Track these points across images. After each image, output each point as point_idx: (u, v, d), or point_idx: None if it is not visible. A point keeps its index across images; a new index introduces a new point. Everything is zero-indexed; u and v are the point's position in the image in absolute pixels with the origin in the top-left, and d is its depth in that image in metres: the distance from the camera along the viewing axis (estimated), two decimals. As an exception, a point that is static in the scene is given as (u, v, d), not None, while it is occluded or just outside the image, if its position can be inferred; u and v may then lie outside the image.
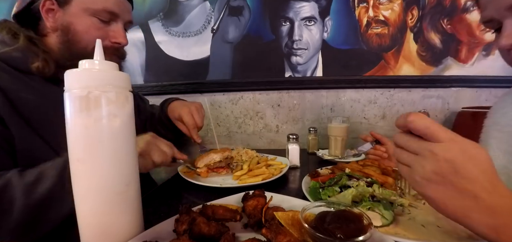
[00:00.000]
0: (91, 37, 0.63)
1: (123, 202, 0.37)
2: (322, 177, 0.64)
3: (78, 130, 0.34)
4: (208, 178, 0.72)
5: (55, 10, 0.61)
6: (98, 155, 0.34)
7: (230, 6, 1.28)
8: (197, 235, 0.34)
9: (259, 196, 0.44)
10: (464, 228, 0.31)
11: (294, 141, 0.85)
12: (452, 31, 1.19)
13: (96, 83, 0.34)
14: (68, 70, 0.34)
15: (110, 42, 0.67)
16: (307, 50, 1.26)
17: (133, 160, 0.38)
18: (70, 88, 0.34)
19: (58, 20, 0.62)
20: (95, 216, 0.35)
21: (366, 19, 1.22)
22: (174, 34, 1.33)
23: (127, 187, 0.37)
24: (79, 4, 0.61)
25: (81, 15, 0.62)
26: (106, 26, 0.65)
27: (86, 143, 0.34)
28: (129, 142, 0.37)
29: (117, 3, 0.65)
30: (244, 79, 1.30)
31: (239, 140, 1.35)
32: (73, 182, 0.35)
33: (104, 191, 0.35)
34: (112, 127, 0.35)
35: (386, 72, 1.23)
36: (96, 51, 0.37)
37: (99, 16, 0.63)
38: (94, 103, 0.33)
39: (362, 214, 0.35)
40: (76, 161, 0.35)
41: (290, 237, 0.32)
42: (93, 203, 0.35)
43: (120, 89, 0.36)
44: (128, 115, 0.37)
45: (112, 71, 0.37)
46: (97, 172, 0.35)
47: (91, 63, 0.36)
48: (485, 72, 1.19)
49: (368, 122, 1.28)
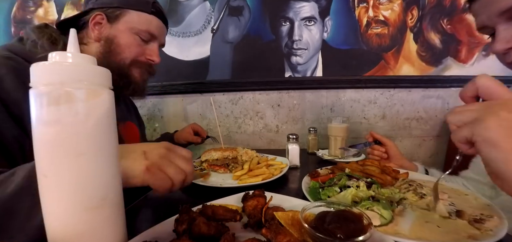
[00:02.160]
0: (131, 52, 0.71)
1: (98, 218, 0.31)
2: (322, 177, 0.64)
3: (44, 134, 0.28)
4: (209, 178, 0.72)
5: (103, 24, 0.68)
6: (66, 165, 0.29)
7: (230, 6, 1.28)
8: (197, 235, 0.34)
9: (259, 196, 0.44)
10: (464, 228, 0.31)
11: (294, 141, 0.85)
12: (452, 31, 1.19)
13: (66, 78, 0.29)
14: (34, 64, 0.29)
15: (145, 58, 0.75)
16: (307, 50, 1.26)
17: (111, 169, 0.33)
18: (36, 84, 0.28)
19: (103, 32, 0.69)
20: (66, 234, 0.30)
21: (366, 19, 1.22)
22: (174, 34, 1.33)
23: (103, 201, 0.32)
24: (127, 23, 0.70)
25: (126, 32, 0.70)
26: (145, 44, 0.74)
27: (53, 151, 0.29)
28: (105, 148, 0.32)
29: (158, 28, 0.75)
30: (244, 79, 1.31)
31: (239, 140, 1.35)
32: (40, 195, 0.30)
33: (76, 207, 0.30)
34: (85, 132, 0.30)
35: (386, 72, 1.24)
36: (70, 42, 0.31)
37: (141, 35, 0.72)
38: (64, 102, 0.28)
39: (362, 214, 0.35)
40: (41, 173, 0.29)
41: (290, 237, 0.32)
42: (62, 219, 0.30)
43: (95, 86, 0.31)
44: (104, 117, 0.32)
45: (87, 64, 0.31)
46: (64, 185, 0.29)
47: (63, 56, 0.30)
48: (485, 72, 1.19)
49: (368, 122, 1.28)
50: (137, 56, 0.73)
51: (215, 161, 0.78)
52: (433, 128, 1.25)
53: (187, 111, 1.38)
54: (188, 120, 1.39)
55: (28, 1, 1.44)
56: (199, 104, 1.37)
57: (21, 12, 1.45)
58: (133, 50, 0.71)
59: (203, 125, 1.38)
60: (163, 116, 1.41)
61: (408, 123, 1.26)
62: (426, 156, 1.27)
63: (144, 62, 0.75)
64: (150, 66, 0.78)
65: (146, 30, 0.72)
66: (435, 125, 1.25)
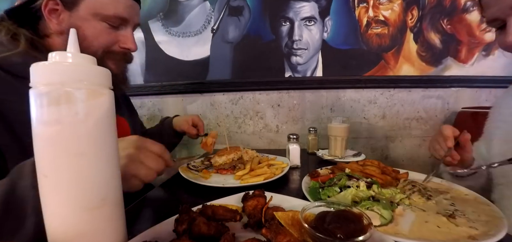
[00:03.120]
0: (101, 43, 0.61)
1: (99, 218, 0.32)
2: (322, 177, 0.64)
3: (45, 134, 0.29)
4: (210, 178, 0.72)
5: (59, 11, 0.57)
6: (66, 165, 0.29)
7: (230, 6, 1.28)
8: (197, 235, 0.34)
9: (259, 196, 0.44)
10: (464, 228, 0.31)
11: (294, 140, 0.85)
12: (452, 31, 1.19)
13: (67, 78, 0.29)
14: (34, 63, 0.29)
15: (119, 47, 0.65)
16: (307, 50, 1.26)
17: (111, 169, 0.33)
18: (35, 84, 0.29)
19: (63, 22, 0.58)
20: (66, 234, 0.30)
21: (366, 19, 1.22)
22: (174, 34, 1.33)
23: (104, 202, 0.32)
24: (89, 8, 0.58)
25: (90, 19, 0.58)
26: (115, 31, 0.63)
27: (53, 151, 0.29)
28: (105, 148, 0.32)
29: (127, 8, 0.62)
30: (244, 79, 1.31)
31: (239, 140, 1.35)
32: (40, 195, 0.30)
33: (76, 207, 0.30)
34: (85, 132, 0.30)
35: (386, 72, 1.24)
36: (70, 42, 0.31)
37: (108, 21, 0.60)
38: (64, 102, 0.28)
39: (362, 214, 0.35)
40: (41, 173, 0.29)
41: (290, 237, 0.32)
42: (62, 220, 0.30)
43: (95, 86, 0.31)
44: (104, 117, 0.32)
45: (88, 65, 0.32)
46: (64, 185, 0.29)
47: (63, 56, 0.30)
48: (485, 72, 1.19)
49: (368, 122, 1.28)
50: (109, 46, 0.63)
51: (221, 165, 0.77)
52: (433, 128, 1.25)
53: (187, 111, 1.38)
54: (188, 120, 1.39)
55: (28, 1, 1.44)
56: (199, 104, 1.37)
57: (21, 12, 1.45)
58: (102, 40, 0.60)
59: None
60: (163, 116, 1.41)
61: (408, 123, 1.26)
62: (426, 156, 1.27)
63: (118, 51, 0.65)
64: (125, 55, 0.68)
65: (114, 14, 0.60)
66: (435, 125, 1.25)
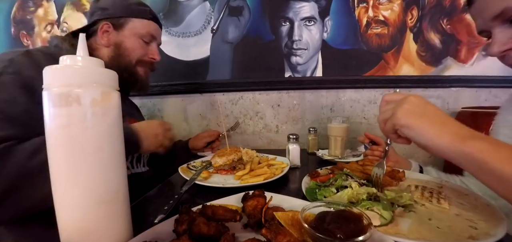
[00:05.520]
0: (137, 53, 0.84)
1: (112, 209, 0.34)
2: (321, 177, 0.64)
3: (59, 134, 0.30)
4: (210, 178, 0.72)
5: (110, 32, 0.80)
6: (82, 162, 0.31)
7: (230, 6, 1.28)
8: (196, 235, 0.34)
9: (259, 196, 0.44)
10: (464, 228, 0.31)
11: (294, 141, 0.85)
12: (451, 31, 1.19)
13: (78, 80, 0.31)
14: (47, 67, 0.31)
15: (148, 57, 0.88)
16: (307, 50, 1.26)
17: (122, 163, 0.36)
18: (49, 86, 0.30)
19: (111, 39, 0.81)
20: (79, 223, 0.32)
21: (366, 19, 1.22)
22: (174, 34, 1.33)
23: (117, 194, 0.34)
24: (131, 29, 0.82)
25: (131, 36, 0.82)
26: (147, 45, 0.87)
27: (68, 149, 0.30)
28: (117, 144, 0.34)
29: (156, 30, 0.88)
30: (244, 79, 1.31)
31: (239, 140, 1.35)
32: (54, 188, 0.32)
33: (91, 201, 0.32)
34: (98, 130, 0.31)
35: (386, 72, 1.23)
36: (79, 46, 0.33)
37: (143, 38, 0.84)
38: (76, 103, 0.30)
39: (362, 214, 0.35)
40: (56, 168, 0.31)
41: (290, 237, 0.32)
42: (76, 211, 0.32)
43: (105, 87, 0.33)
44: (115, 116, 0.34)
45: (97, 68, 0.33)
46: (81, 180, 0.31)
47: (73, 59, 0.32)
48: (485, 72, 1.19)
49: (368, 122, 1.28)
50: (142, 56, 0.85)
51: (221, 166, 0.77)
52: (433, 128, 1.25)
53: (187, 112, 1.38)
54: (188, 120, 1.39)
55: (28, 1, 1.44)
56: (199, 104, 1.37)
57: (21, 13, 1.45)
58: (138, 51, 0.84)
59: (203, 125, 1.38)
60: (163, 116, 1.41)
61: (408, 123, 1.26)
62: (425, 156, 1.27)
63: (147, 61, 0.88)
64: (151, 64, 0.91)
65: (147, 32, 0.85)
66: (435, 125, 1.25)
